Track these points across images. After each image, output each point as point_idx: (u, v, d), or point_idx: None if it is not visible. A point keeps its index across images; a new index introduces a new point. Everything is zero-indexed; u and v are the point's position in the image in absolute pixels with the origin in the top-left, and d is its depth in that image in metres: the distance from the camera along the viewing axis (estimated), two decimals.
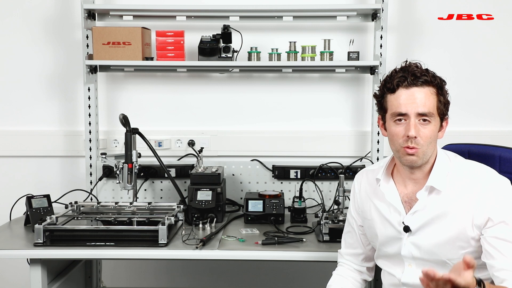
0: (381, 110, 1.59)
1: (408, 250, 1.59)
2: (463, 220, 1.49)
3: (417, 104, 1.49)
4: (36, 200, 2.27)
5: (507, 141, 2.00)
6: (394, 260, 1.65)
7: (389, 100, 1.54)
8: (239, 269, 2.91)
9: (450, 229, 1.50)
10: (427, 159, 1.53)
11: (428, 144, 1.51)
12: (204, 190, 2.34)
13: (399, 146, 1.53)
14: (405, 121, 1.50)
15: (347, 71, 2.68)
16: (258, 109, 2.79)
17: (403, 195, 1.61)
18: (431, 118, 1.50)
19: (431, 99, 1.50)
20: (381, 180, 1.63)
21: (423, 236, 1.56)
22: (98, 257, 2.53)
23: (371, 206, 1.68)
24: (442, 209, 1.52)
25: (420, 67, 1.53)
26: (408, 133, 1.48)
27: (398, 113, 1.51)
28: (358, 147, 2.75)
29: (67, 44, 2.75)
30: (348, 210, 1.82)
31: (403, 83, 1.50)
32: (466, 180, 1.52)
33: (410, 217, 1.57)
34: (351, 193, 1.81)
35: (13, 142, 2.78)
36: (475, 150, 1.81)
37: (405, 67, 1.53)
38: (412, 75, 1.50)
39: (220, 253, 2.01)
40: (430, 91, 1.51)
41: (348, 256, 1.80)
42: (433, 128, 1.51)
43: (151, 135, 2.57)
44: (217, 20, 2.60)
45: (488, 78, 2.74)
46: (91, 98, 2.63)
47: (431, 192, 1.54)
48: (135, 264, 2.91)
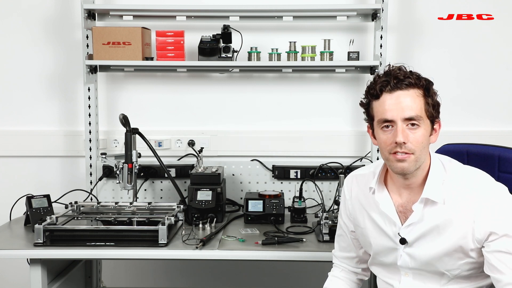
0: (368, 118, 1.53)
1: (405, 261, 1.54)
2: (462, 232, 1.43)
3: (403, 108, 1.42)
4: (36, 200, 2.27)
5: (507, 141, 1.99)
6: (390, 269, 1.60)
7: (374, 107, 1.48)
8: (239, 269, 2.91)
9: (448, 241, 1.45)
10: (420, 165, 1.46)
11: (421, 150, 1.44)
12: (204, 190, 2.34)
13: (388, 154, 1.46)
14: (392, 127, 1.44)
15: (347, 71, 2.68)
16: (258, 109, 2.79)
17: (398, 204, 1.54)
18: (419, 121, 1.43)
19: (418, 102, 1.43)
20: (376, 190, 1.57)
21: (420, 248, 1.50)
22: (98, 257, 2.53)
23: (365, 215, 1.62)
24: (439, 220, 1.46)
25: (403, 69, 1.46)
26: (396, 139, 1.41)
27: (384, 120, 1.45)
28: (358, 147, 2.75)
29: (67, 44, 2.75)
30: (339, 213, 1.76)
31: (386, 88, 1.44)
32: (463, 190, 1.45)
33: (406, 229, 1.51)
34: (341, 198, 1.74)
35: (13, 142, 2.78)
36: (474, 150, 1.78)
37: (388, 71, 1.47)
38: (394, 78, 1.43)
39: (220, 253, 2.01)
40: (416, 93, 1.43)
41: (342, 258, 1.77)
42: (423, 132, 1.44)
43: (151, 135, 2.57)
44: (217, 20, 2.60)
45: (488, 78, 2.74)
46: (91, 98, 2.63)
47: (427, 203, 1.48)
48: (135, 264, 2.91)
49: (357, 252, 1.74)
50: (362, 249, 1.72)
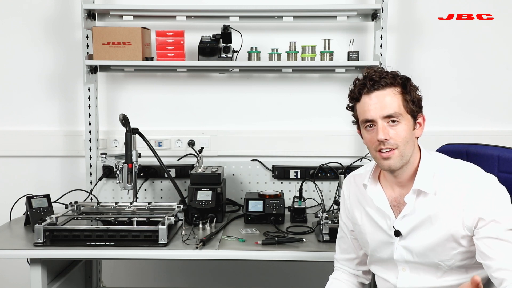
0: (355, 120, 1.61)
1: (400, 254, 1.58)
2: (453, 221, 1.47)
3: (381, 107, 1.49)
4: (36, 200, 2.27)
5: (507, 141, 1.99)
6: (387, 265, 1.64)
7: (357, 109, 1.56)
8: (239, 269, 2.91)
9: (440, 231, 1.49)
10: (407, 160, 1.52)
11: (405, 144, 1.49)
12: (204, 190, 2.34)
13: (374, 152, 1.53)
14: (374, 126, 1.51)
15: (347, 71, 2.68)
16: (258, 109, 2.79)
17: (392, 199, 1.59)
18: (399, 117, 1.49)
19: (395, 99, 1.49)
20: (368, 185, 1.62)
21: (414, 239, 1.54)
22: (98, 257, 2.53)
23: (362, 211, 1.67)
24: (431, 211, 1.51)
25: (378, 70, 1.53)
26: (377, 137, 1.49)
27: (365, 120, 1.52)
28: (358, 147, 2.74)
29: (67, 44, 2.75)
30: (339, 216, 1.80)
31: (364, 90, 1.52)
32: (453, 181, 1.50)
33: (399, 222, 1.56)
34: (341, 199, 1.79)
35: (13, 142, 2.78)
36: (473, 150, 1.79)
37: (365, 75, 1.54)
38: (370, 80, 1.51)
39: (220, 253, 2.01)
40: (393, 92, 1.50)
41: (342, 261, 1.80)
42: (405, 127, 1.50)
43: (151, 135, 2.57)
44: (217, 20, 2.60)
45: (488, 78, 2.74)
46: (91, 98, 2.63)
47: (419, 195, 1.53)
48: (135, 264, 2.91)
49: (357, 253, 1.76)
50: (362, 250, 1.75)
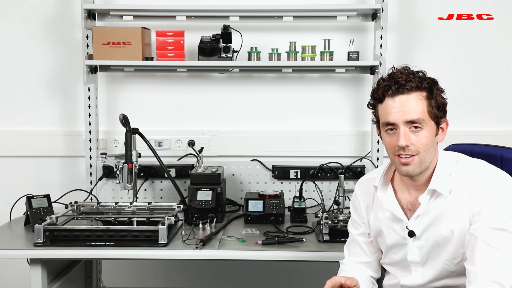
0: (376, 119, 1.56)
1: (414, 255, 1.56)
2: (462, 217, 1.46)
3: (404, 112, 1.43)
4: (36, 200, 2.27)
5: (508, 141, 2.00)
6: (401, 266, 1.62)
7: (379, 110, 1.51)
8: (239, 269, 2.91)
9: (451, 227, 1.47)
10: (426, 166, 1.48)
11: (426, 151, 1.46)
12: (204, 190, 2.34)
13: (393, 156, 1.49)
14: (396, 130, 1.46)
15: (347, 71, 2.68)
16: (258, 109, 2.79)
17: (407, 202, 1.57)
18: (422, 124, 1.44)
19: (420, 105, 1.44)
20: (379, 188, 1.60)
21: (427, 239, 1.53)
22: (98, 257, 2.53)
23: (375, 214, 1.65)
24: (443, 208, 1.49)
25: (405, 72, 1.47)
26: (398, 143, 1.44)
27: (387, 123, 1.48)
28: (358, 147, 2.75)
29: (67, 44, 2.75)
30: (350, 220, 1.76)
31: (388, 92, 1.46)
32: (466, 178, 1.48)
33: (413, 222, 1.54)
34: (351, 203, 1.76)
35: (13, 142, 2.78)
36: (477, 150, 1.80)
37: (390, 75, 1.48)
38: (395, 82, 1.45)
39: (220, 253, 2.01)
40: (419, 96, 1.45)
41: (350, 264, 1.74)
42: (427, 134, 1.45)
43: (151, 135, 2.57)
44: (217, 20, 2.60)
45: (489, 78, 2.74)
46: (91, 98, 2.63)
47: (433, 195, 1.50)
48: (135, 264, 2.91)
49: (370, 257, 1.71)
50: (375, 254, 1.72)
